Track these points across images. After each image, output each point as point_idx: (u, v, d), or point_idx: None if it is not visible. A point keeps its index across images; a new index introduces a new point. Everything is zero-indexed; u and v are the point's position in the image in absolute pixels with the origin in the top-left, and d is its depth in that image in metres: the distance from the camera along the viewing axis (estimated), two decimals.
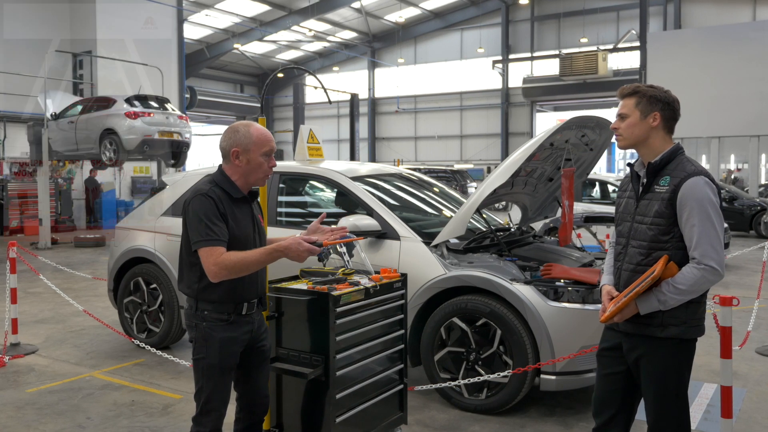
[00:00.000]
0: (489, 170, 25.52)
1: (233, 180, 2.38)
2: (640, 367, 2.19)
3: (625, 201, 2.29)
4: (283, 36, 28.48)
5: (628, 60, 24.66)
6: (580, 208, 6.18)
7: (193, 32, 26.22)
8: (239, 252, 2.26)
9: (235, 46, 27.59)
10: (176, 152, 11.69)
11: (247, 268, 2.26)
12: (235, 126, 2.42)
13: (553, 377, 3.44)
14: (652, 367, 2.16)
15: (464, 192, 19.62)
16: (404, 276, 3.10)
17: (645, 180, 2.19)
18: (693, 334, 2.15)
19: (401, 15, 28.18)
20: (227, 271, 2.24)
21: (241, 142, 2.36)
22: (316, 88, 26.64)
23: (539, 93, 27.14)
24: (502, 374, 3.48)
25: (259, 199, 2.60)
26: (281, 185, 4.53)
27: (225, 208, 2.32)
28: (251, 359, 2.49)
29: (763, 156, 20.63)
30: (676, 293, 2.07)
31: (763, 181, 20.43)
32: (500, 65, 28.09)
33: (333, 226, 2.60)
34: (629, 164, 2.30)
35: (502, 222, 4.99)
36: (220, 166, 2.45)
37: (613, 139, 2.56)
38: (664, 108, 2.19)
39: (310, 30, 27.67)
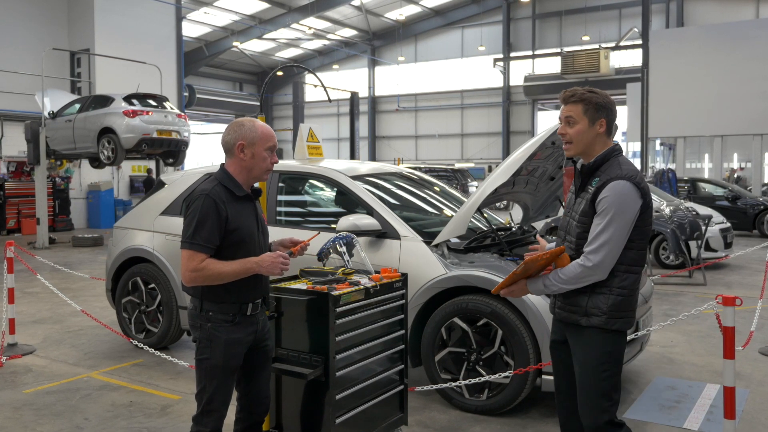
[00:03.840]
0: (490, 169, 25.49)
1: (236, 177, 2.39)
2: (575, 354, 2.27)
3: (570, 196, 2.41)
4: (282, 34, 28.44)
5: (630, 58, 24.65)
6: None
7: (191, 30, 26.18)
8: (219, 263, 2.28)
9: (234, 44, 27.55)
10: (175, 151, 11.65)
11: (221, 280, 2.29)
12: (239, 121, 2.43)
13: None
14: (582, 354, 2.24)
15: (465, 191, 19.60)
16: (404, 276, 3.08)
17: (581, 180, 2.30)
18: (617, 326, 2.21)
19: (402, 13, 28.13)
20: (202, 281, 2.28)
21: (246, 135, 2.37)
22: (315, 86, 26.59)
23: (540, 91, 27.11)
24: (503, 375, 3.45)
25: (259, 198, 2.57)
26: (281, 184, 4.49)
27: (227, 208, 2.32)
28: (254, 359, 2.48)
29: (766, 155, 20.56)
30: (558, 281, 2.21)
31: (766, 180, 20.35)
32: (501, 63, 28.05)
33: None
34: (572, 160, 2.37)
35: (503, 221, 4.96)
36: (223, 164, 2.44)
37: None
38: (609, 114, 2.27)
39: (310, 28, 27.64)
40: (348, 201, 4.28)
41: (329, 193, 4.76)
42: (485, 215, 4.53)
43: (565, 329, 2.33)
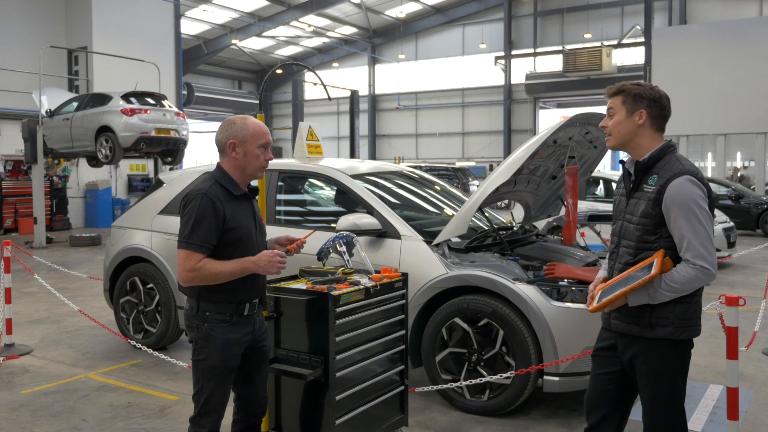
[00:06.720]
0: (491, 168, 25.45)
1: (231, 175, 2.37)
2: (635, 367, 2.18)
3: (618, 199, 2.30)
4: (281, 32, 28.36)
5: (633, 56, 24.57)
6: (583, 206, 6.10)
7: (190, 28, 26.10)
8: (216, 263, 2.26)
9: (233, 41, 27.46)
10: (173, 150, 11.61)
11: (218, 280, 2.27)
12: (231, 119, 2.41)
13: (557, 378, 3.39)
14: (646, 368, 2.15)
15: (466, 190, 19.56)
16: (405, 275, 3.06)
17: (634, 178, 2.20)
18: (684, 336, 2.12)
19: (402, 10, 28.06)
20: (199, 281, 2.26)
21: (237, 133, 2.35)
22: (315, 84, 26.54)
23: (542, 89, 27.02)
24: (504, 375, 3.42)
25: (257, 198, 2.54)
26: (280, 183, 4.46)
27: (224, 207, 2.30)
28: (251, 360, 2.47)
29: None
30: (668, 290, 2.07)
31: None
32: (502, 61, 27.97)
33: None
34: (621, 161, 2.29)
35: (504, 221, 4.93)
36: (219, 163, 2.42)
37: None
38: (650, 105, 2.17)
39: (310, 25, 27.55)
40: (348, 200, 4.25)
41: (329, 192, 4.73)
42: (486, 214, 4.50)
43: (622, 341, 2.20)
